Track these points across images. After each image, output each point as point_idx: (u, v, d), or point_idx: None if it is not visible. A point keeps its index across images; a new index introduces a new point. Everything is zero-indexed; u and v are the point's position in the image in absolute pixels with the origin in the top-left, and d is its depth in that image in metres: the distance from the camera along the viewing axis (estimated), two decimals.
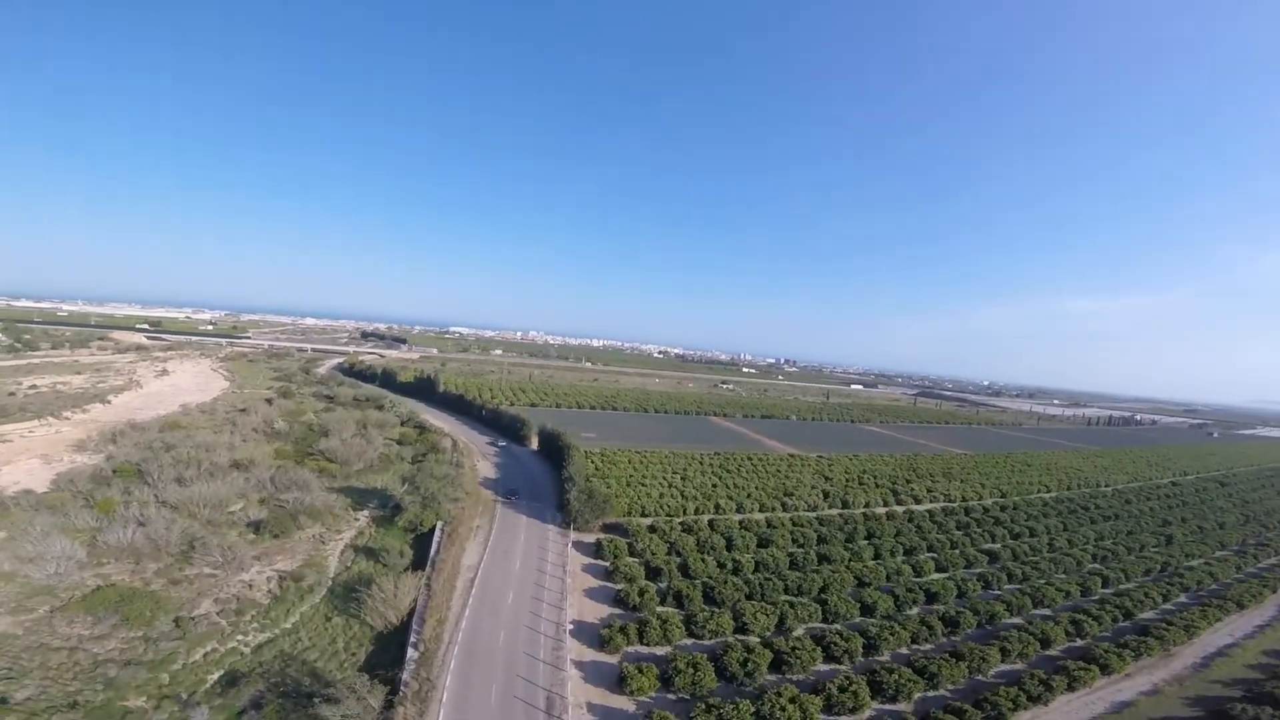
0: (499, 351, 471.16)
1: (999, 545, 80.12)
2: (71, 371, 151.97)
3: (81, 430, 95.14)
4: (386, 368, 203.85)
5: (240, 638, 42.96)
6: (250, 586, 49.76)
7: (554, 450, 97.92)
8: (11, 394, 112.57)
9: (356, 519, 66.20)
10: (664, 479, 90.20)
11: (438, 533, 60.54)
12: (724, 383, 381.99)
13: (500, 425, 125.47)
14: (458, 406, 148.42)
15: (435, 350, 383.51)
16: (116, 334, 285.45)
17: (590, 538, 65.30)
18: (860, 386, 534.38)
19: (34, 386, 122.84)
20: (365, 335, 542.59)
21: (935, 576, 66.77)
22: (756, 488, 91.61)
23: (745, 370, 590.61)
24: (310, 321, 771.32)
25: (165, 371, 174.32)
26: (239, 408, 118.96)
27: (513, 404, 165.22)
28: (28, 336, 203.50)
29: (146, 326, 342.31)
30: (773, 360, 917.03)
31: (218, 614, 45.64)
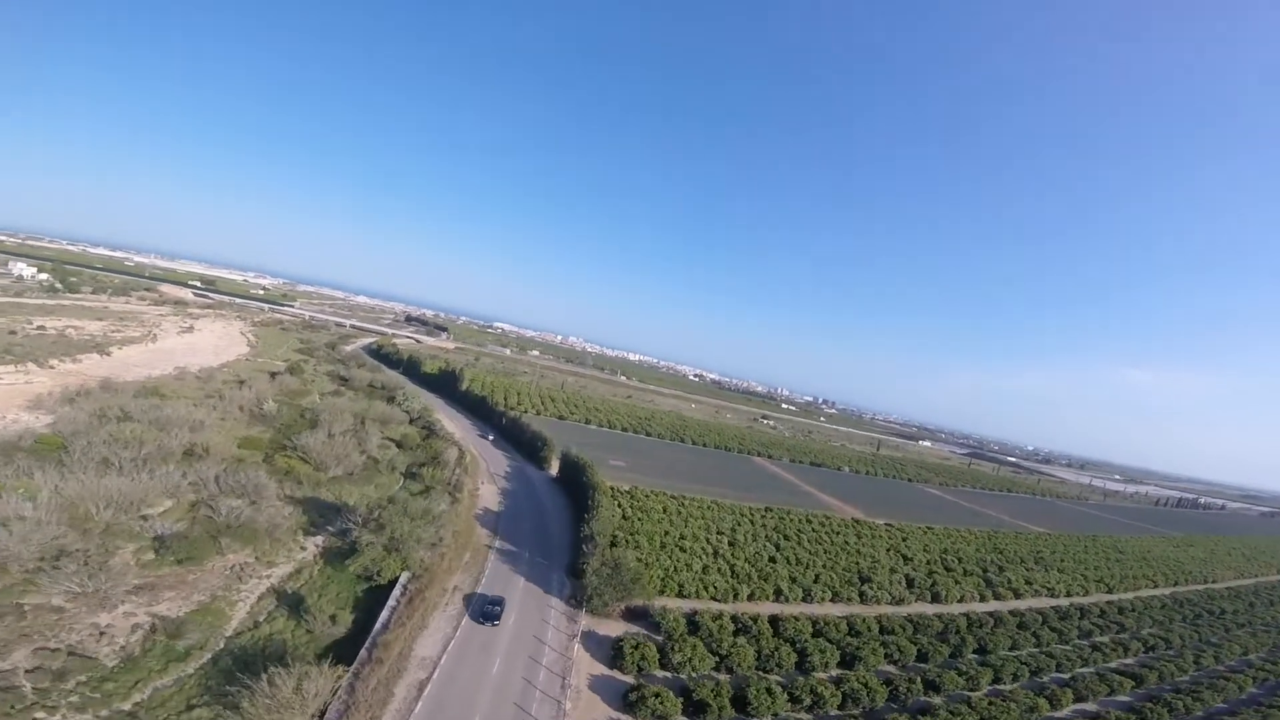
0: (536, 353, 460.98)
1: (1133, 661, 63.73)
2: (93, 317, 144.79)
3: (58, 382, 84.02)
4: (414, 355, 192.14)
5: (37, 718, 27.47)
6: (102, 634, 34.31)
7: (576, 483, 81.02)
8: (11, 333, 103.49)
9: (303, 548, 50.42)
10: (707, 540, 71.83)
11: (397, 590, 44.02)
12: (764, 417, 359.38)
13: (520, 439, 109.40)
14: (479, 409, 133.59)
15: (474, 344, 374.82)
16: (165, 287, 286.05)
17: (608, 629, 47.58)
18: (901, 439, 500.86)
19: (41, 328, 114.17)
20: (409, 319, 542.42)
21: (1075, 710, 49.51)
22: (825, 566, 72.08)
23: (784, 406, 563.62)
24: (361, 299, 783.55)
25: (190, 329, 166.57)
26: (238, 378, 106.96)
27: (539, 412, 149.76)
28: (73, 279, 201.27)
29: (198, 284, 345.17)
30: (810, 398, 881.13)
31: (28, 671, 30.27)
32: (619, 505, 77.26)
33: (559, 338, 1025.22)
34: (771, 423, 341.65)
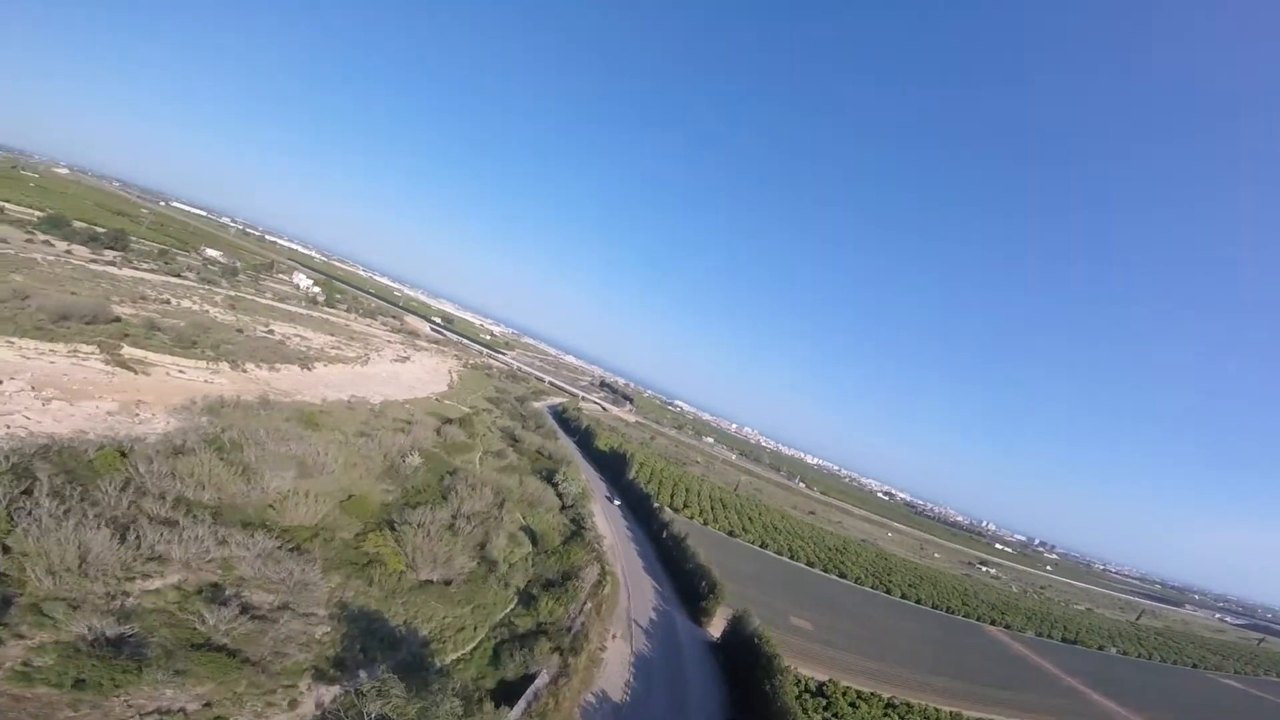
0: (711, 440, 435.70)
1: None
2: (327, 331, 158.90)
3: (236, 387, 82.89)
4: (592, 424, 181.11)
5: None
6: None
7: (746, 670, 52.46)
8: (238, 330, 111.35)
9: (298, 703, 30.53)
10: None
11: None
12: (981, 563, 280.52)
13: (679, 568, 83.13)
14: (639, 507, 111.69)
15: (653, 420, 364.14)
16: (410, 318, 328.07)
17: None
18: (1152, 602, 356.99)
19: (270, 332, 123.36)
20: (602, 384, 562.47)
21: None
22: None
23: (999, 547, 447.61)
24: (570, 359, 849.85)
25: (406, 359, 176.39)
26: (409, 419, 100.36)
27: (706, 522, 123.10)
28: (337, 295, 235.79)
29: (439, 320, 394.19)
30: (1024, 537, 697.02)
31: None
32: (808, 717, 46.56)
33: (733, 426, 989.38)
34: (992, 570, 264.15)
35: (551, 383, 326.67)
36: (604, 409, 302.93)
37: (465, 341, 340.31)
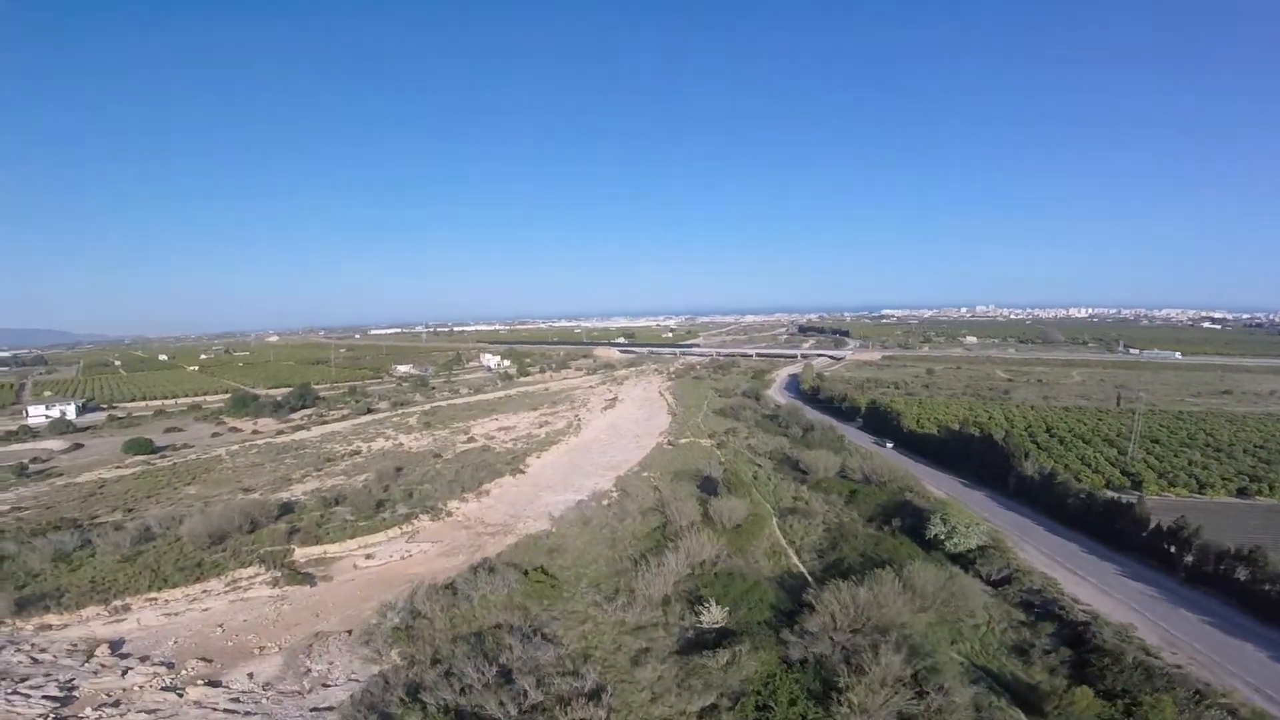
0: (973, 339, 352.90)
1: None
2: (529, 406, 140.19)
3: (446, 543, 59.33)
4: (843, 391, 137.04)
5: None
6: None
7: None
8: (437, 455, 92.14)
9: None
10: None
11: None
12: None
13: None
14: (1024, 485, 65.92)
15: (879, 348, 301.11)
16: (599, 350, 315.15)
17: None
18: None
19: (470, 439, 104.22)
20: (803, 330, 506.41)
21: None
22: None
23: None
24: (750, 319, 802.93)
25: (614, 400, 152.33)
26: (659, 511, 69.06)
27: (1109, 482, 72.84)
28: (527, 360, 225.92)
29: (622, 340, 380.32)
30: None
31: None
32: None
33: (964, 310, 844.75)
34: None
35: (758, 354, 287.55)
36: (833, 359, 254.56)
37: (655, 350, 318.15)
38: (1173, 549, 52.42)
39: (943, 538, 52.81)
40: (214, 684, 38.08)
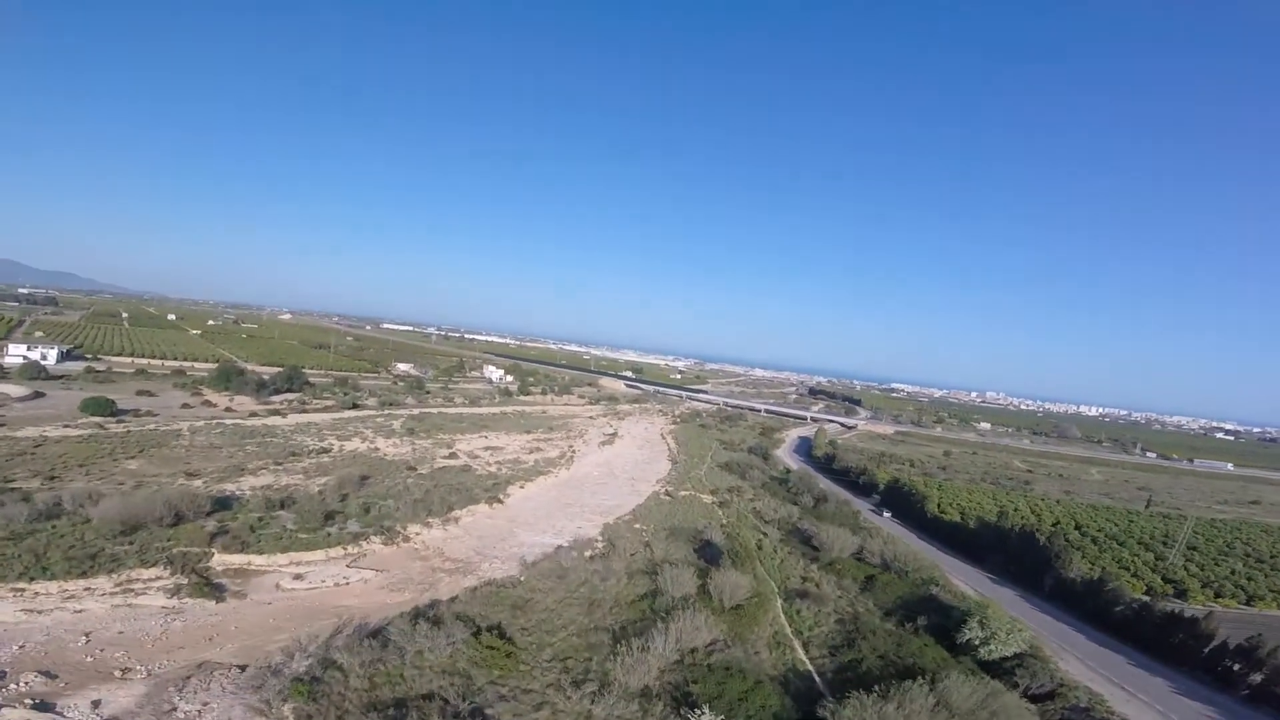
0: (986, 425, 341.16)
1: None
2: (522, 429, 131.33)
3: (394, 576, 49.89)
4: (860, 463, 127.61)
5: None
6: None
7: None
8: (412, 468, 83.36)
9: None
10: None
11: None
12: None
13: None
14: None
15: (891, 421, 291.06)
16: (605, 380, 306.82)
17: None
18: None
19: (453, 454, 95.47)
20: (813, 392, 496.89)
21: None
22: None
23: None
24: (759, 373, 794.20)
25: (613, 437, 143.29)
26: (649, 572, 59.74)
27: (1150, 589, 62.45)
28: (530, 379, 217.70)
29: (630, 374, 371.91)
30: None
31: None
32: None
33: (975, 395, 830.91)
34: None
35: (767, 411, 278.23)
36: (845, 427, 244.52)
37: (661, 390, 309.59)
38: (1236, 666, 48.27)
39: (977, 643, 43.92)
40: (43, 707, 29.23)
